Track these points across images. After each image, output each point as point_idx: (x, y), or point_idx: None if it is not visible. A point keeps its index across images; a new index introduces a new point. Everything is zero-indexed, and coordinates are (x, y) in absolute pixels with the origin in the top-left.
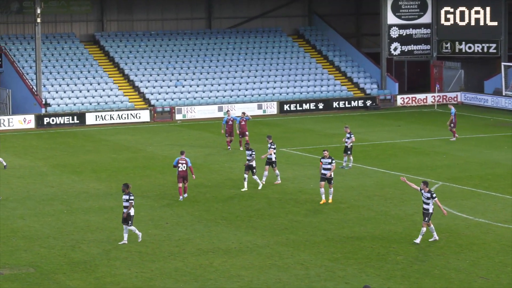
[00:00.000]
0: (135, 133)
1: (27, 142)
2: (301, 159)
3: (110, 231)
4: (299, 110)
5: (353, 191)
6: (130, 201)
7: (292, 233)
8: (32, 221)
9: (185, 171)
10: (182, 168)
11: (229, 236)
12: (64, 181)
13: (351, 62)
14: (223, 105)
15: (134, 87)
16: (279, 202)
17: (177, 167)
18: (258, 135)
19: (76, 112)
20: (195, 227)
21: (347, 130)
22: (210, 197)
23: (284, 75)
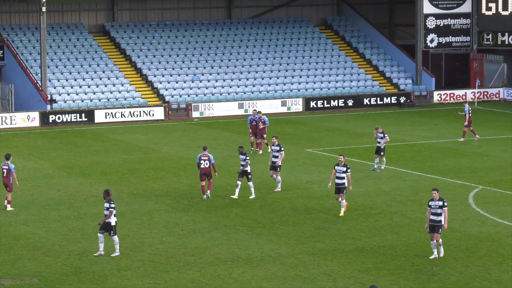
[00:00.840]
0: (148, 132)
1: (31, 142)
2: (328, 160)
3: (121, 239)
4: (326, 107)
5: (386, 196)
6: (110, 209)
7: (319, 241)
8: (36, 227)
9: (208, 168)
10: (204, 165)
11: (250, 244)
12: (71, 184)
13: (384, 55)
14: (244, 101)
15: (147, 82)
16: (304, 207)
17: (199, 164)
18: (282, 134)
19: (84, 109)
20: (213, 234)
21: (378, 131)
22: (229, 202)
23: (310, 69)
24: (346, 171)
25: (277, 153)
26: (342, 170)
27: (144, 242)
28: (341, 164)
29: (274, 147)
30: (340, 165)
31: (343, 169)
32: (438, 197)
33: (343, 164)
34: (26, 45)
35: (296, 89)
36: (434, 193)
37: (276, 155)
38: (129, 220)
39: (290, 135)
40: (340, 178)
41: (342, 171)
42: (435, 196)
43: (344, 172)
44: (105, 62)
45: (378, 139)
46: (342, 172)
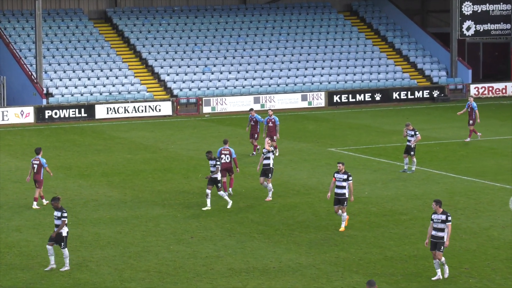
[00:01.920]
0: (155, 129)
1: (25, 140)
2: (353, 161)
3: (124, 247)
4: (351, 102)
5: (417, 200)
6: (62, 218)
7: (343, 250)
8: (30, 234)
9: (229, 163)
10: (225, 160)
11: (267, 253)
12: (69, 187)
13: (415, 45)
14: (260, 95)
15: (153, 74)
16: (327, 212)
17: (220, 159)
18: (303, 132)
19: (83, 104)
20: (225, 242)
21: (409, 128)
22: (244, 207)
23: (333, 60)
24: (347, 179)
25: (268, 153)
26: (343, 178)
27: (150, 250)
28: (341, 171)
29: (340, 175)
30: (340, 172)
31: (343, 177)
32: (441, 211)
33: (343, 172)
34: (19, 33)
35: (318, 82)
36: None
37: (268, 156)
38: (133, 227)
39: (311, 133)
40: (340, 187)
41: (342, 179)
42: (437, 209)
43: (345, 180)
44: (107, 52)
45: (408, 137)
46: (343, 181)
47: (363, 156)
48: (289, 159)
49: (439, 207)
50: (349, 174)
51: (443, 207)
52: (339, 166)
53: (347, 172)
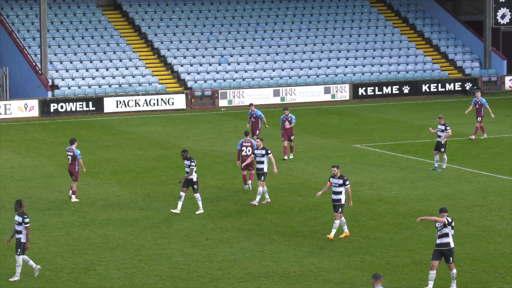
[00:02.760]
0: (167, 124)
1: (28, 135)
2: (380, 158)
3: (134, 250)
4: (377, 95)
5: (448, 200)
6: (25, 224)
7: (369, 254)
8: (34, 236)
9: (249, 155)
10: (246, 152)
11: (287, 256)
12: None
13: (446, 34)
14: (280, 88)
15: (166, 64)
16: (351, 213)
17: (241, 151)
18: (326, 127)
19: (91, 97)
20: (243, 245)
21: (440, 122)
22: (262, 207)
23: (359, 50)
24: (344, 184)
25: (262, 157)
26: (338, 183)
27: (162, 253)
28: (336, 176)
29: (258, 151)
30: (335, 177)
31: (339, 181)
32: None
33: (339, 176)
34: (23, 20)
35: (342, 74)
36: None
37: (262, 160)
38: (144, 228)
39: (335, 128)
40: (336, 193)
41: (338, 184)
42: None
43: (341, 186)
44: (117, 41)
45: (438, 133)
46: (339, 186)
47: (390, 153)
48: (311, 156)
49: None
50: (346, 178)
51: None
52: (333, 170)
53: (343, 177)
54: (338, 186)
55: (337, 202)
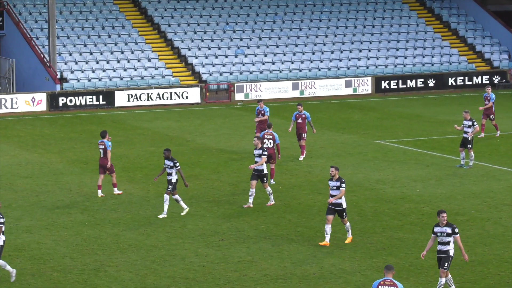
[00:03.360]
0: (181, 119)
1: (36, 130)
2: (404, 154)
3: (146, 250)
4: (401, 88)
5: (475, 199)
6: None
7: (392, 255)
8: (42, 235)
9: (271, 149)
10: (268, 145)
11: (306, 258)
12: (86, 183)
13: (473, 24)
14: (299, 81)
15: (179, 56)
16: (374, 212)
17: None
18: (347, 122)
19: (102, 90)
20: (260, 246)
21: (467, 116)
22: (281, 206)
23: (381, 42)
24: (340, 187)
25: (259, 158)
26: (335, 185)
27: (176, 254)
28: (334, 178)
29: (256, 151)
30: (333, 179)
31: (336, 184)
32: (445, 222)
33: (337, 178)
34: (30, 10)
35: (364, 66)
36: (442, 216)
37: (257, 160)
38: (156, 228)
39: (356, 123)
40: (333, 196)
41: (335, 187)
42: (443, 220)
43: (338, 189)
44: (128, 32)
45: (465, 129)
46: (336, 189)
47: (415, 149)
48: (331, 152)
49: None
50: (343, 181)
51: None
52: (331, 171)
53: (340, 179)
54: (336, 189)
55: (337, 206)
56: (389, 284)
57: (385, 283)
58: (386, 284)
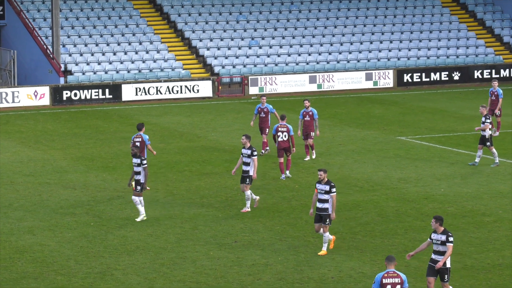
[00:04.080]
0: (192, 113)
1: (39, 125)
2: (427, 151)
3: (155, 253)
4: (425, 81)
5: (503, 199)
6: None
7: (415, 258)
8: (45, 237)
9: (286, 141)
10: (282, 138)
11: (324, 260)
12: (91, 181)
13: (501, 14)
14: (317, 74)
15: (190, 48)
16: (395, 213)
17: (277, 136)
18: (367, 117)
19: (108, 83)
20: (275, 248)
21: (483, 111)
22: (297, 205)
23: (404, 32)
24: (330, 191)
25: (248, 158)
26: (325, 189)
27: (186, 257)
28: (323, 181)
29: (244, 151)
30: (322, 182)
31: (325, 188)
32: (441, 230)
33: (326, 181)
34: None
35: (385, 58)
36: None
37: (247, 161)
38: (166, 229)
39: (377, 118)
40: (322, 201)
41: (324, 190)
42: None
43: (327, 193)
44: (136, 22)
45: (482, 125)
46: (325, 193)
47: (439, 146)
48: (350, 149)
49: (439, 226)
50: (333, 185)
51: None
52: (320, 175)
53: (330, 182)
54: (324, 193)
55: (323, 211)
56: (392, 275)
57: (388, 275)
58: (390, 276)
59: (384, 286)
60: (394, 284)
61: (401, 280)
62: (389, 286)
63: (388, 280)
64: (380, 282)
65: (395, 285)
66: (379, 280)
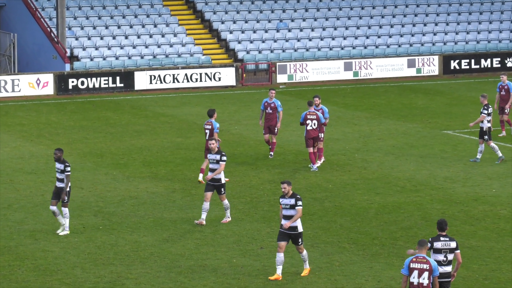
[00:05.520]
0: (213, 104)
1: (42, 117)
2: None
3: (172, 260)
4: (474, 69)
5: None
6: None
7: (463, 267)
8: (48, 242)
9: (316, 130)
10: (312, 126)
11: (361, 269)
12: (100, 180)
13: None
14: (353, 60)
15: (211, 31)
16: (441, 216)
17: (305, 125)
18: (409, 109)
19: (119, 71)
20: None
21: (483, 101)
22: (330, 207)
23: (450, 14)
24: (296, 205)
25: (215, 164)
26: (289, 203)
27: (206, 265)
28: (287, 195)
29: (212, 156)
30: (286, 196)
31: (290, 201)
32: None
33: (290, 195)
34: None
35: (430, 43)
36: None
37: (215, 168)
38: (184, 234)
39: (421, 110)
40: (288, 217)
41: (289, 205)
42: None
43: (293, 207)
44: (151, 2)
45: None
46: (290, 207)
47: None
48: (391, 144)
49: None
50: (299, 197)
51: None
52: (283, 188)
53: (295, 195)
54: (290, 208)
55: (292, 230)
56: (421, 261)
57: (417, 260)
58: (418, 261)
59: (411, 271)
60: (421, 270)
61: (430, 266)
62: (416, 272)
63: (415, 265)
64: (408, 266)
65: (422, 271)
66: (407, 265)
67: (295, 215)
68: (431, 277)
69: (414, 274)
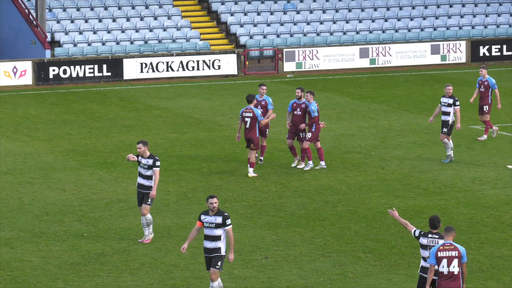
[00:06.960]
0: (212, 96)
1: (19, 111)
2: (509, 144)
3: (164, 271)
4: (506, 55)
5: None
6: None
7: (492, 279)
8: (26, 251)
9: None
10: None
11: (379, 282)
12: (85, 181)
13: None
14: (369, 46)
15: (209, 13)
16: (468, 222)
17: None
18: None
19: (106, 58)
20: (316, 265)
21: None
22: (343, 212)
23: None
24: (224, 225)
25: (148, 170)
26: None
27: (203, 277)
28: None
29: (144, 160)
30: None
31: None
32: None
33: (216, 211)
34: None
35: (457, 26)
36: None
37: (148, 174)
38: (178, 241)
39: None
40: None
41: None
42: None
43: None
44: None
45: (443, 108)
46: (215, 227)
47: None
48: (412, 141)
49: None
50: (226, 215)
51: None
52: (210, 203)
53: (222, 213)
54: (214, 227)
55: (214, 252)
56: (449, 248)
57: (444, 247)
58: (446, 249)
59: (439, 260)
60: (450, 257)
61: (459, 253)
62: (445, 260)
63: (443, 253)
64: (436, 256)
65: (452, 258)
66: (434, 253)
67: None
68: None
69: (443, 263)
